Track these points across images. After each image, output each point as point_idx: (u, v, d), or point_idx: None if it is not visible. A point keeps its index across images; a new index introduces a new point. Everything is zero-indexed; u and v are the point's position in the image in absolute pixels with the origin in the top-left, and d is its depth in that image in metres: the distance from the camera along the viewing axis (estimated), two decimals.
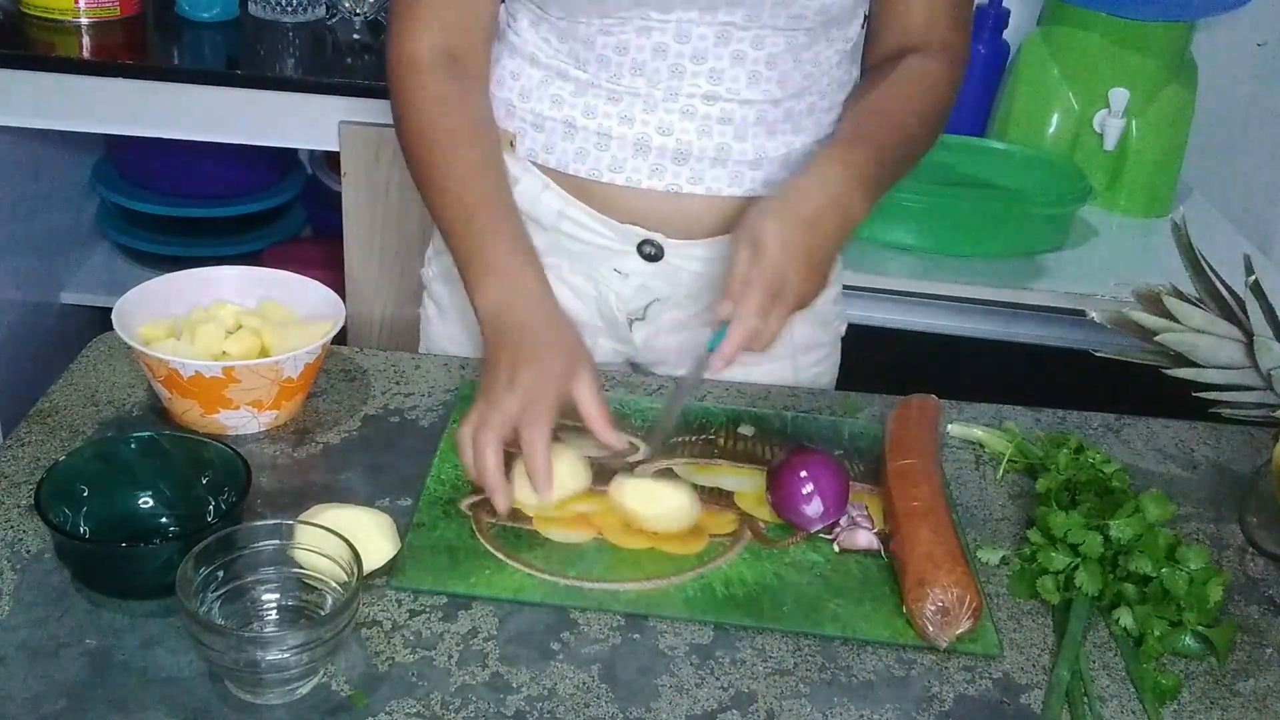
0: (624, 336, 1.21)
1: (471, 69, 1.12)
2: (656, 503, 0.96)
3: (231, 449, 0.92)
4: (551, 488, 0.93)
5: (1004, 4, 2.09)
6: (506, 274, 1.02)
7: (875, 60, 1.17)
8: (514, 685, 0.81)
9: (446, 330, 1.27)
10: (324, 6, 2.03)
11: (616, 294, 1.17)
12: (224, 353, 1.05)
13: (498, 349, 0.98)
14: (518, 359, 0.96)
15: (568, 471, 0.97)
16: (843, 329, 1.31)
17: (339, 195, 1.86)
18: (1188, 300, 1.11)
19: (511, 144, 1.15)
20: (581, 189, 1.13)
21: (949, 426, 1.12)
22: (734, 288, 0.96)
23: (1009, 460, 1.08)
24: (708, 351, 0.97)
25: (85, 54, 1.84)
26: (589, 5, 1.06)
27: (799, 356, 1.24)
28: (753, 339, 0.96)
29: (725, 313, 0.96)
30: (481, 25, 1.12)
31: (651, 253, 1.14)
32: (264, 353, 1.06)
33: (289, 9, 2.00)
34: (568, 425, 0.98)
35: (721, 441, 1.08)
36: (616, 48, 1.08)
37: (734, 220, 1.10)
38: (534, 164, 1.15)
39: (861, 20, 1.15)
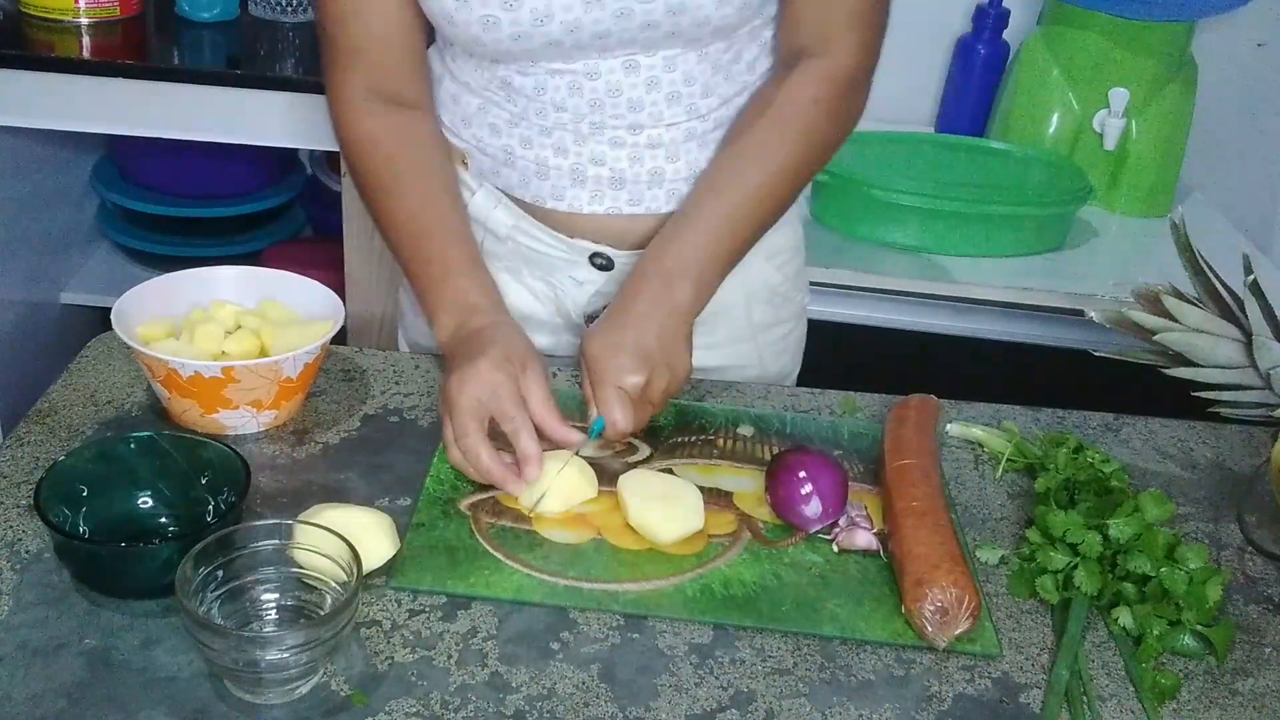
0: (584, 333, 1.22)
1: (410, 101, 1.14)
2: (666, 520, 0.95)
3: (231, 449, 0.92)
4: (540, 469, 0.96)
5: (1004, 4, 2.09)
6: (463, 304, 1.07)
7: (780, 57, 1.13)
8: (513, 685, 0.81)
9: (418, 324, 1.29)
10: None
11: (573, 299, 1.20)
12: (223, 353, 1.05)
13: (452, 359, 1.04)
14: (470, 357, 1.00)
15: (576, 481, 0.98)
16: (805, 301, 1.32)
17: (339, 195, 1.86)
18: (1187, 300, 1.11)
19: (464, 162, 1.17)
20: (530, 209, 1.16)
21: (948, 426, 1.12)
22: (587, 397, 1.03)
23: (1008, 460, 1.08)
24: (592, 440, 1.01)
25: (85, 54, 1.84)
26: (491, 61, 1.09)
27: (759, 336, 1.26)
28: (630, 430, 1.01)
29: (594, 417, 1.02)
30: (412, 61, 1.13)
31: (603, 263, 1.17)
32: (263, 353, 1.06)
33: (289, 9, 2.00)
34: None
35: (721, 442, 1.09)
36: (535, 88, 1.09)
37: None
38: (485, 181, 1.17)
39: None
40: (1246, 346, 1.09)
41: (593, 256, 1.16)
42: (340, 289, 1.77)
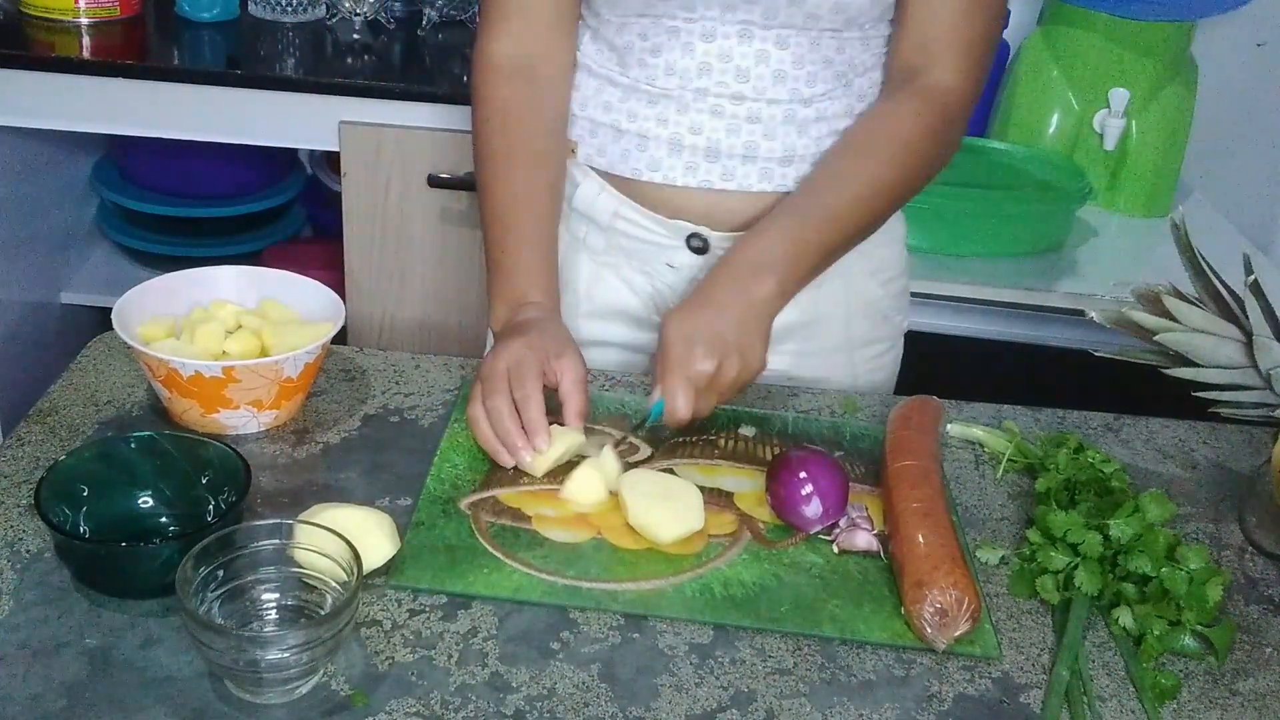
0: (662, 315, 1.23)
1: (545, 75, 1.17)
2: (666, 520, 0.95)
3: (231, 449, 0.92)
4: (547, 440, 1.00)
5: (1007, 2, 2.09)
6: (518, 303, 1.12)
7: (888, 75, 1.16)
8: (514, 685, 0.81)
9: None
10: (324, 6, 2.03)
11: (670, 287, 1.21)
12: (224, 352, 1.05)
13: (496, 344, 1.07)
14: (509, 337, 1.06)
15: (588, 482, 0.99)
16: (904, 324, 1.32)
17: (339, 195, 1.86)
18: (1187, 300, 1.11)
19: (573, 151, 1.20)
20: (631, 188, 1.18)
21: (949, 426, 1.12)
22: (658, 378, 1.02)
23: (1008, 460, 1.08)
24: (647, 425, 1.03)
25: (85, 54, 1.84)
26: (621, 3, 1.12)
27: (855, 352, 1.26)
28: (688, 419, 1.01)
29: (655, 399, 1.02)
30: (560, 27, 1.17)
31: (699, 245, 1.18)
32: (264, 352, 1.06)
33: (289, 9, 2.00)
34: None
35: (722, 442, 1.09)
36: (652, 50, 1.12)
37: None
38: (591, 168, 1.19)
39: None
40: (1247, 346, 1.09)
41: (689, 238, 1.17)
42: (340, 289, 1.78)
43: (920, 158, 1.12)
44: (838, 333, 1.23)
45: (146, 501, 0.92)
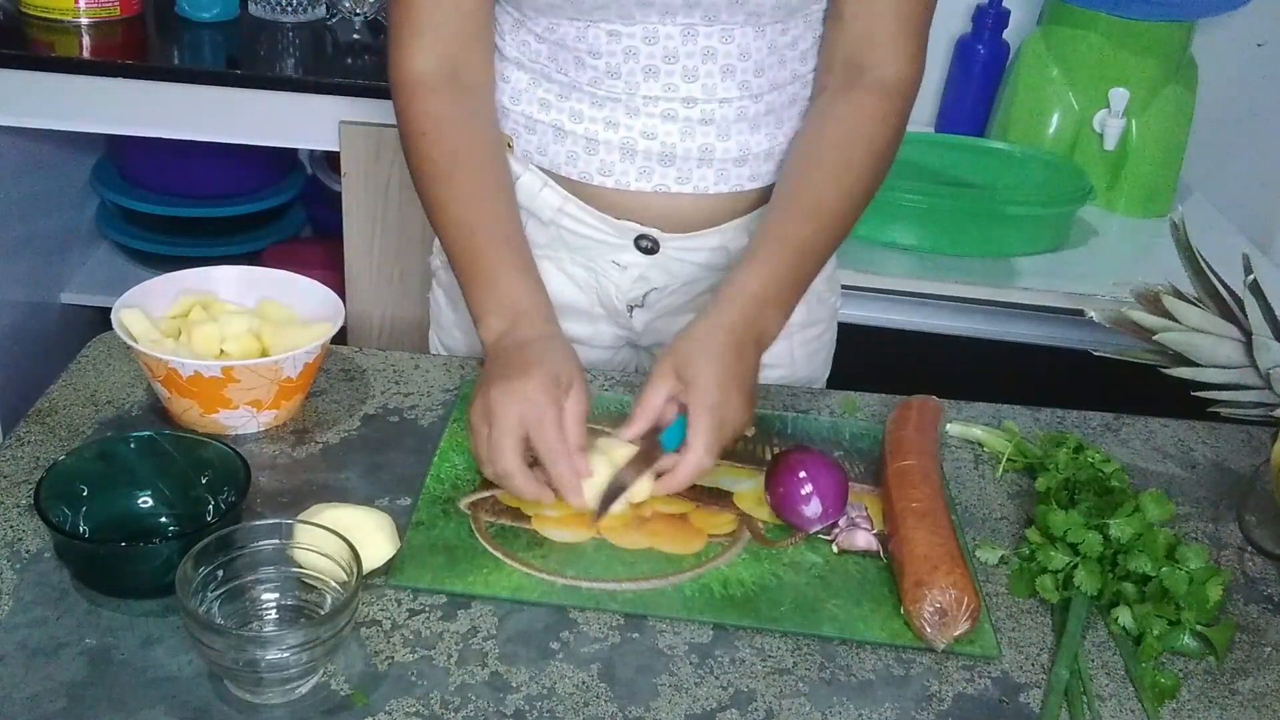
0: (624, 323, 1.23)
1: (471, 80, 1.12)
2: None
3: (231, 448, 0.92)
4: (581, 498, 0.94)
5: (1004, 4, 2.09)
6: (510, 311, 1.04)
7: (822, 65, 1.14)
8: (513, 684, 0.81)
9: (456, 317, 1.28)
10: (324, 6, 2.03)
11: (616, 284, 1.19)
12: (223, 352, 1.05)
13: (494, 363, 1.00)
14: (516, 371, 0.96)
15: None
16: (838, 305, 1.32)
17: (339, 195, 1.86)
18: (1187, 300, 1.12)
19: (510, 145, 1.16)
20: (577, 188, 1.15)
21: (948, 426, 1.12)
22: (688, 418, 0.96)
23: (1008, 459, 1.08)
24: (662, 449, 0.97)
25: (85, 54, 1.84)
26: (550, 10, 1.08)
27: (795, 334, 1.25)
28: (703, 473, 0.96)
29: (666, 422, 0.97)
30: (478, 35, 1.12)
31: (648, 246, 1.16)
32: (263, 353, 1.06)
33: (289, 9, 2.00)
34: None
35: None
36: (590, 51, 1.09)
37: (725, 213, 1.15)
38: (531, 163, 1.16)
39: None
40: (1246, 346, 1.09)
41: (638, 239, 1.15)
42: (340, 289, 1.78)
43: (889, 158, 1.12)
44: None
45: (146, 501, 0.92)
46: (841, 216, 1.10)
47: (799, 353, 1.26)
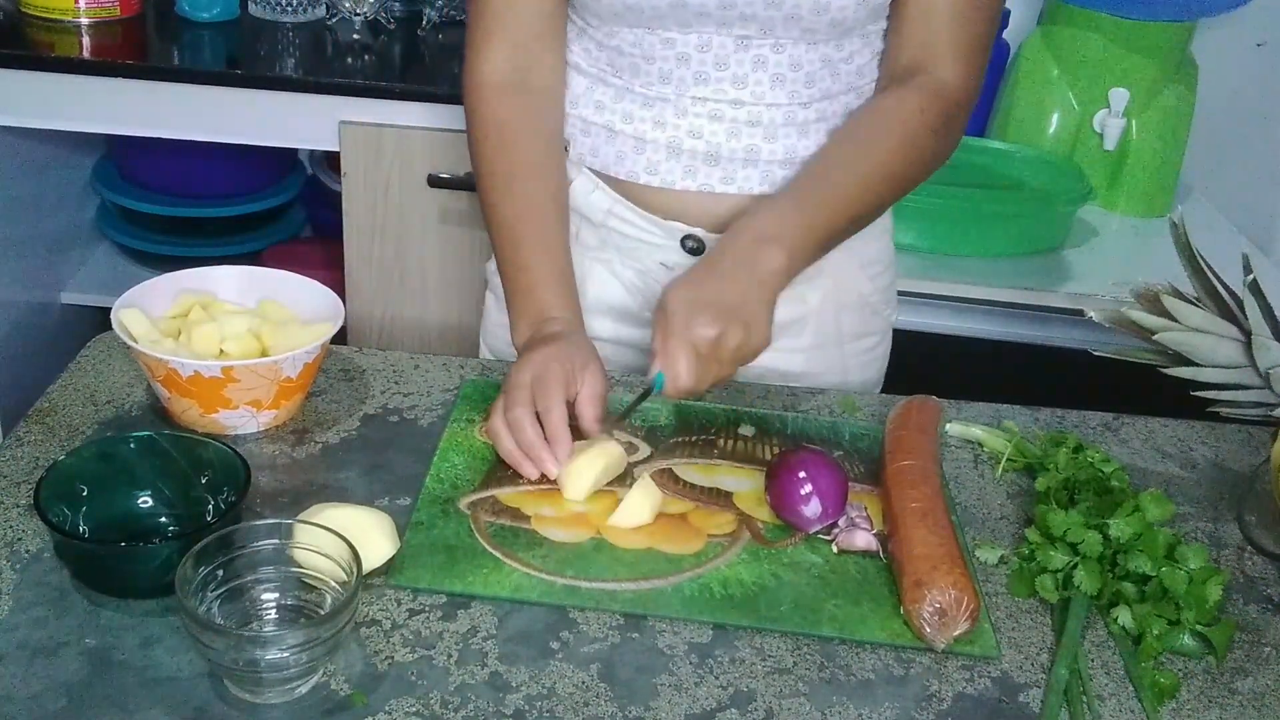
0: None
1: (541, 84, 1.16)
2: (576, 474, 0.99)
3: (230, 448, 0.92)
4: (568, 453, 0.99)
5: (1004, 4, 2.09)
6: (541, 316, 1.11)
7: (884, 76, 1.16)
8: (513, 684, 0.81)
9: (501, 318, 1.29)
10: (324, 6, 2.03)
11: (663, 285, 1.18)
12: (223, 352, 1.05)
13: (519, 362, 1.06)
14: (535, 348, 1.05)
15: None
16: (893, 318, 1.32)
17: (339, 195, 1.86)
18: (1186, 299, 1.11)
19: (566, 148, 1.19)
20: (626, 189, 1.17)
21: (948, 426, 1.12)
22: (655, 349, 1.00)
23: (1008, 459, 1.08)
24: (652, 395, 1.00)
25: (85, 54, 1.84)
26: (613, 18, 1.11)
27: (846, 346, 1.26)
28: (690, 391, 0.99)
29: (654, 372, 1.00)
30: (548, 38, 1.16)
31: (694, 246, 1.17)
32: (263, 352, 1.06)
33: (289, 9, 2.00)
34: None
35: (721, 442, 1.09)
36: (645, 56, 1.12)
37: None
38: (584, 166, 1.19)
39: None
40: (1246, 346, 1.09)
41: (685, 239, 1.17)
42: (340, 289, 1.78)
43: (923, 151, 1.12)
44: (828, 328, 1.23)
45: (146, 501, 0.92)
46: (866, 185, 1.10)
47: (851, 363, 1.27)
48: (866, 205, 1.11)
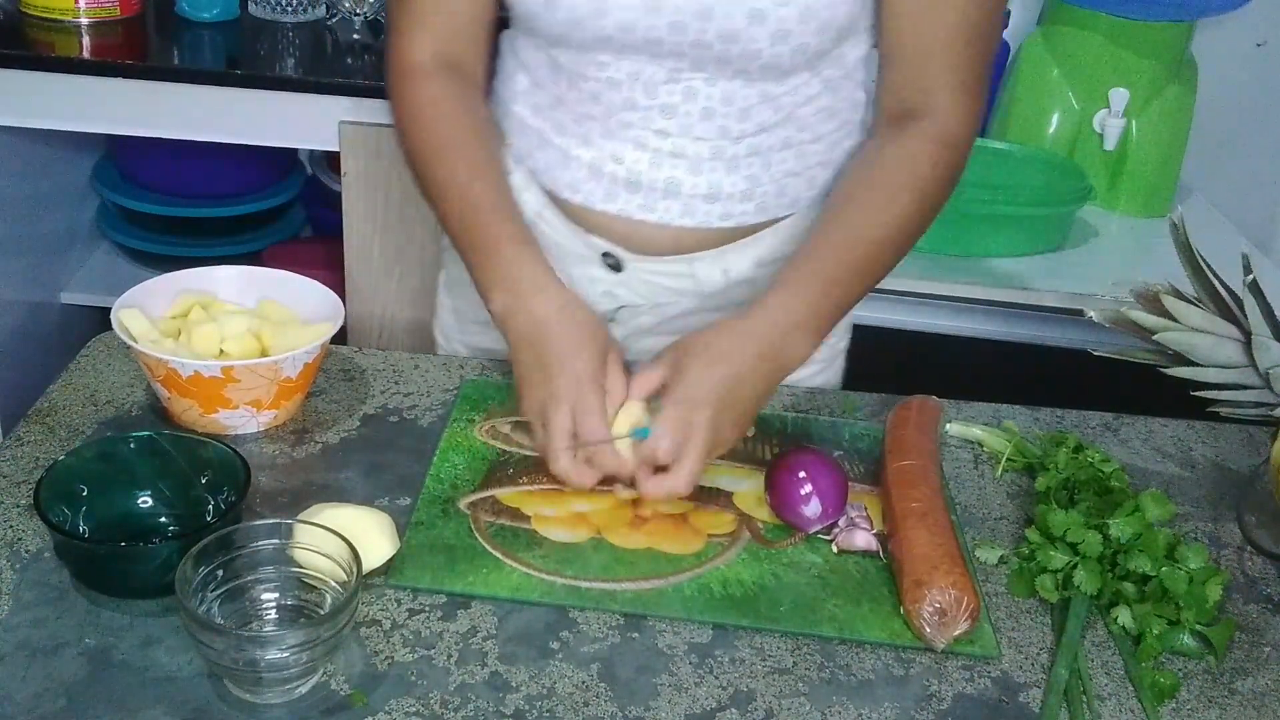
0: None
1: (469, 75, 1.13)
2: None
3: (230, 448, 0.92)
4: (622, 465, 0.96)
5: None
6: (515, 278, 1.03)
7: (880, 119, 1.11)
8: (513, 684, 0.81)
9: (450, 302, 1.30)
10: (324, 6, 2.03)
11: (588, 296, 1.17)
12: (223, 352, 1.05)
13: (519, 349, 1.00)
14: (548, 364, 0.97)
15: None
16: (842, 344, 1.29)
17: (339, 195, 1.86)
18: (1186, 299, 1.11)
19: (505, 139, 1.16)
20: (552, 198, 1.15)
21: (948, 426, 1.12)
22: (671, 417, 0.95)
23: (1008, 459, 1.08)
24: (637, 437, 0.96)
25: (85, 54, 1.84)
26: (551, 41, 1.08)
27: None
28: (671, 489, 0.95)
29: (657, 431, 0.95)
30: (478, 32, 1.13)
31: (613, 264, 1.15)
32: (263, 353, 1.06)
33: (289, 9, 2.00)
34: None
35: None
36: (579, 74, 1.08)
37: (692, 245, 1.13)
38: (522, 163, 1.16)
39: (862, 46, 1.10)
40: (1245, 346, 1.09)
41: (604, 255, 1.15)
42: (340, 289, 1.78)
43: (936, 203, 1.09)
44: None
45: (146, 501, 0.92)
46: (884, 246, 1.06)
47: (798, 388, 1.25)
48: (884, 266, 1.08)
